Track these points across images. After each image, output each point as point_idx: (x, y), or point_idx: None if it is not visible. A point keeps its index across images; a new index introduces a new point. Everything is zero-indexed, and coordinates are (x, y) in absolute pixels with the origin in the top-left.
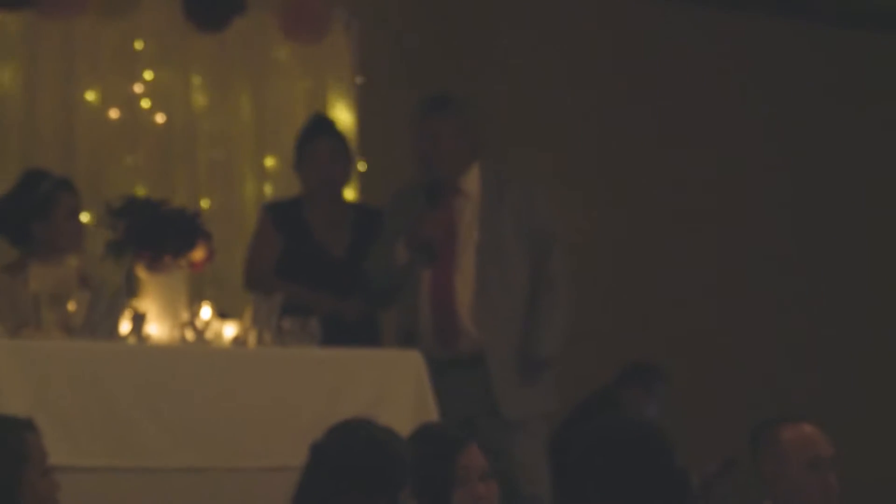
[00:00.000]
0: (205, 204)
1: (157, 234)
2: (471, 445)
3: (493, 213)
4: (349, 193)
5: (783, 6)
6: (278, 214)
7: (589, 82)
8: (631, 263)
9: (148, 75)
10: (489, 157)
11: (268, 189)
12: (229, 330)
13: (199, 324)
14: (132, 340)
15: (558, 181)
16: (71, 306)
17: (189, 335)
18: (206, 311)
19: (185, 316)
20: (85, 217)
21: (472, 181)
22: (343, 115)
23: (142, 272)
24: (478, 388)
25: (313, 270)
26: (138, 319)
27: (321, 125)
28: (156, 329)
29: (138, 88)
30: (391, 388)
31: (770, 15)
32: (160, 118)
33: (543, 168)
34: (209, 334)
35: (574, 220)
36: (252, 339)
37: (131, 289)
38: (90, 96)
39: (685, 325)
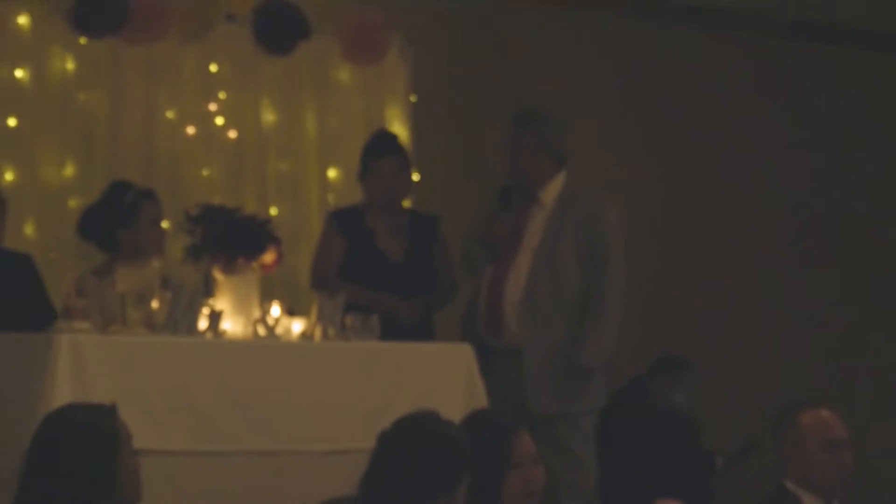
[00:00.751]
0: (273, 211)
1: (231, 239)
2: (522, 431)
3: (559, 223)
4: (405, 201)
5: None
6: (342, 221)
7: (627, 103)
8: (666, 269)
9: (222, 95)
10: (573, 170)
11: (330, 198)
12: (297, 326)
13: (269, 320)
14: (209, 336)
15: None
16: (154, 305)
17: (261, 331)
18: (275, 309)
19: (257, 313)
20: (166, 224)
21: (550, 192)
22: (398, 130)
23: (218, 274)
24: (514, 380)
25: (373, 273)
26: (215, 316)
27: (387, 142)
28: (231, 325)
29: (213, 107)
30: (444, 378)
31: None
32: (233, 134)
33: (585, 177)
34: (279, 330)
35: None
36: (318, 334)
37: (208, 289)
38: (170, 114)
39: (714, 323)
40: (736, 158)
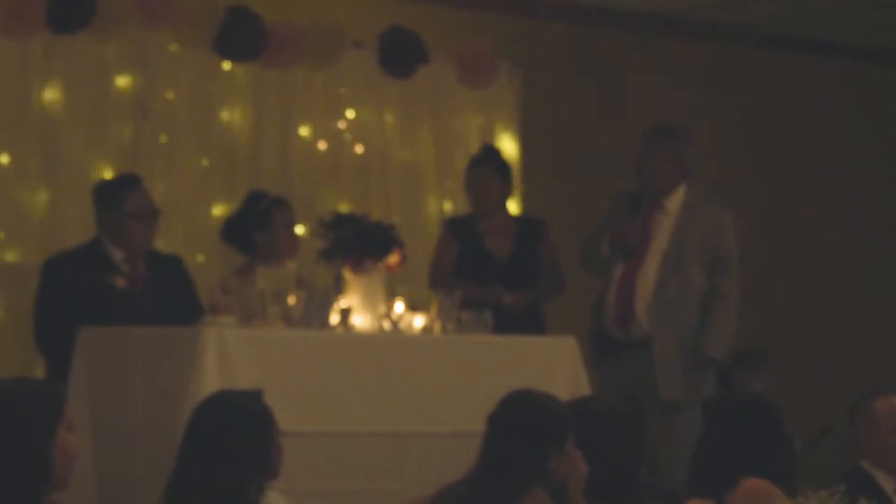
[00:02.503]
0: (396, 218)
1: (360, 243)
2: None
3: (685, 229)
4: (513, 208)
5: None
6: (455, 227)
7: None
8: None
9: (350, 114)
10: (694, 181)
11: (447, 206)
12: (418, 321)
13: (394, 316)
14: (340, 330)
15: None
16: (290, 301)
17: (386, 325)
18: (399, 306)
19: (382, 309)
20: (300, 229)
21: (674, 200)
22: (508, 146)
23: (347, 274)
24: (643, 369)
25: (482, 272)
26: (345, 312)
27: (480, 154)
28: (359, 320)
29: (342, 125)
30: (550, 369)
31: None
32: (359, 149)
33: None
34: (402, 324)
35: None
36: (437, 328)
37: (339, 287)
38: (303, 132)
39: (798, 317)
40: (827, 162)
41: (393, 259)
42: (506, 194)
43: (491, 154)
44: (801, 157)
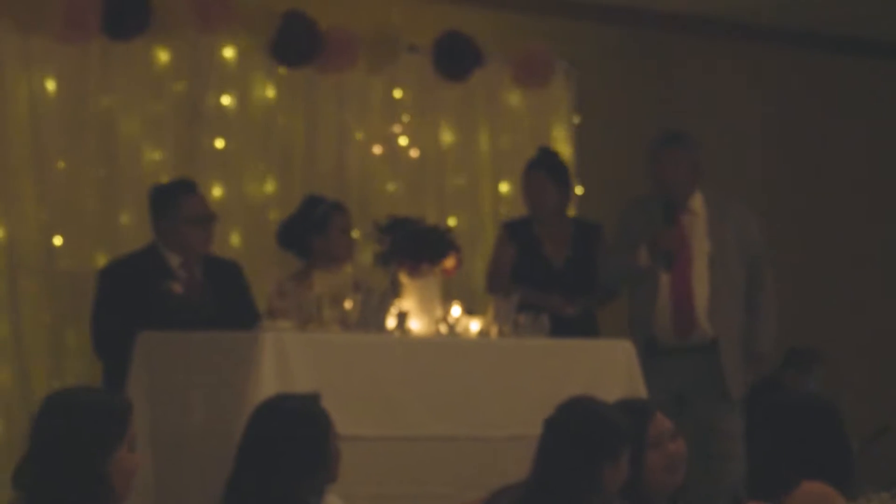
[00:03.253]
0: (451, 222)
1: (416, 247)
2: (655, 413)
3: (719, 228)
4: (571, 211)
5: None
6: (513, 231)
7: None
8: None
9: (405, 118)
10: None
11: (503, 210)
12: (475, 325)
13: (450, 319)
14: (397, 333)
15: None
16: (347, 305)
17: (443, 329)
18: (456, 310)
19: (439, 313)
20: (356, 233)
21: (696, 202)
22: (564, 148)
23: (404, 277)
24: (707, 371)
25: (538, 277)
26: (401, 316)
27: (536, 158)
28: (416, 324)
29: (397, 129)
30: (607, 372)
31: None
32: (415, 152)
33: (728, 182)
34: (459, 328)
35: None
36: (494, 331)
37: (395, 291)
38: (359, 136)
39: (849, 316)
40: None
41: (449, 263)
42: (564, 198)
43: (547, 157)
44: (849, 155)
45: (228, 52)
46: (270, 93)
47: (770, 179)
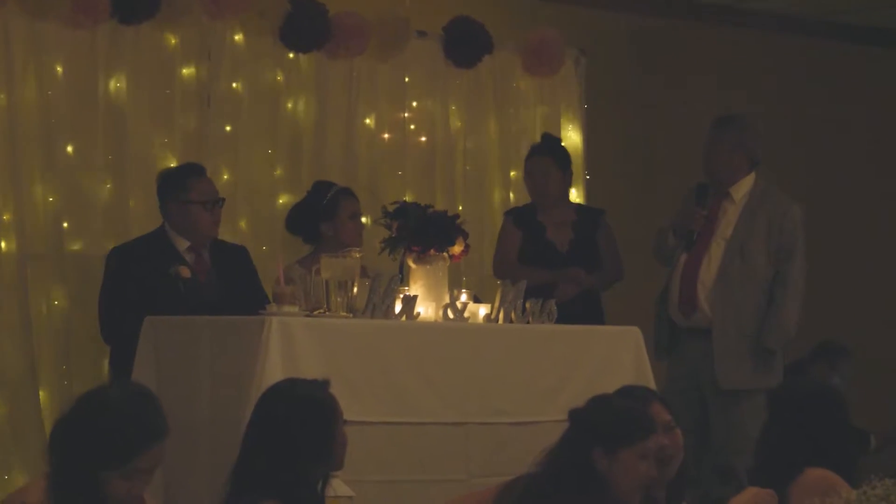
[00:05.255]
0: (460, 208)
1: (424, 233)
2: (653, 402)
3: (750, 218)
4: (575, 197)
5: None
6: (517, 217)
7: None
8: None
9: (414, 104)
10: (765, 171)
11: (511, 196)
12: (482, 310)
13: (458, 305)
14: (404, 319)
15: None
16: (354, 291)
17: (450, 314)
18: (463, 295)
19: (446, 299)
20: (365, 219)
21: (742, 189)
22: (572, 135)
23: (411, 263)
24: (704, 356)
25: (543, 262)
26: (409, 301)
27: (540, 145)
28: (423, 309)
29: (406, 115)
30: (615, 358)
31: None
32: (424, 138)
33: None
34: (466, 314)
35: None
36: (501, 317)
37: (403, 277)
38: (368, 121)
39: (877, 311)
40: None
41: (457, 248)
42: (566, 184)
43: (550, 143)
44: (872, 151)
45: (237, 37)
46: (279, 78)
47: (781, 166)
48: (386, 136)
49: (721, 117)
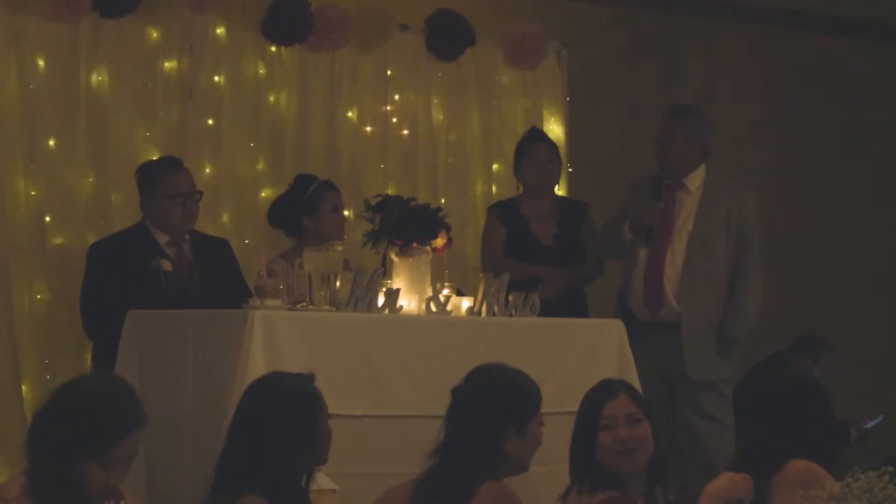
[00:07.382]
0: (442, 201)
1: (406, 226)
2: (619, 394)
3: (709, 209)
4: (557, 190)
5: None
6: (501, 211)
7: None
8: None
9: (396, 97)
10: (713, 161)
11: (494, 189)
12: (465, 303)
13: (441, 298)
14: (387, 312)
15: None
16: (337, 284)
17: (433, 307)
18: (446, 288)
19: (429, 292)
20: (347, 212)
21: (695, 180)
22: (555, 128)
23: (394, 256)
24: (672, 350)
25: (528, 256)
26: (391, 295)
27: (538, 134)
28: (406, 303)
29: (388, 108)
30: (597, 351)
31: None
32: (406, 132)
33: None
34: (449, 307)
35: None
36: (484, 310)
37: (386, 270)
38: (350, 114)
39: (854, 304)
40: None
41: (440, 241)
42: (559, 177)
43: (543, 133)
44: (858, 144)
45: (219, 31)
46: (261, 71)
47: (763, 159)
48: (368, 129)
49: (675, 109)
